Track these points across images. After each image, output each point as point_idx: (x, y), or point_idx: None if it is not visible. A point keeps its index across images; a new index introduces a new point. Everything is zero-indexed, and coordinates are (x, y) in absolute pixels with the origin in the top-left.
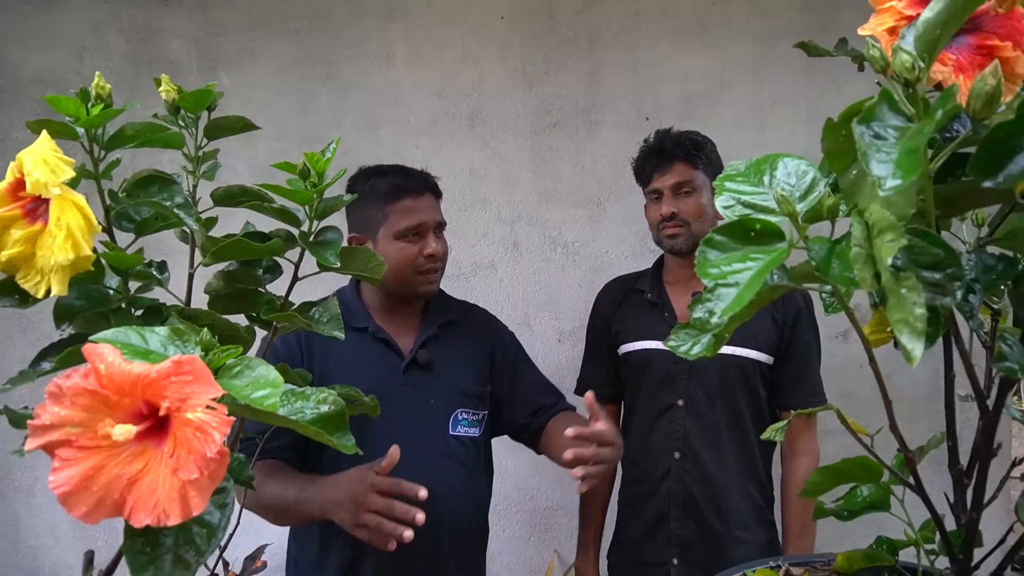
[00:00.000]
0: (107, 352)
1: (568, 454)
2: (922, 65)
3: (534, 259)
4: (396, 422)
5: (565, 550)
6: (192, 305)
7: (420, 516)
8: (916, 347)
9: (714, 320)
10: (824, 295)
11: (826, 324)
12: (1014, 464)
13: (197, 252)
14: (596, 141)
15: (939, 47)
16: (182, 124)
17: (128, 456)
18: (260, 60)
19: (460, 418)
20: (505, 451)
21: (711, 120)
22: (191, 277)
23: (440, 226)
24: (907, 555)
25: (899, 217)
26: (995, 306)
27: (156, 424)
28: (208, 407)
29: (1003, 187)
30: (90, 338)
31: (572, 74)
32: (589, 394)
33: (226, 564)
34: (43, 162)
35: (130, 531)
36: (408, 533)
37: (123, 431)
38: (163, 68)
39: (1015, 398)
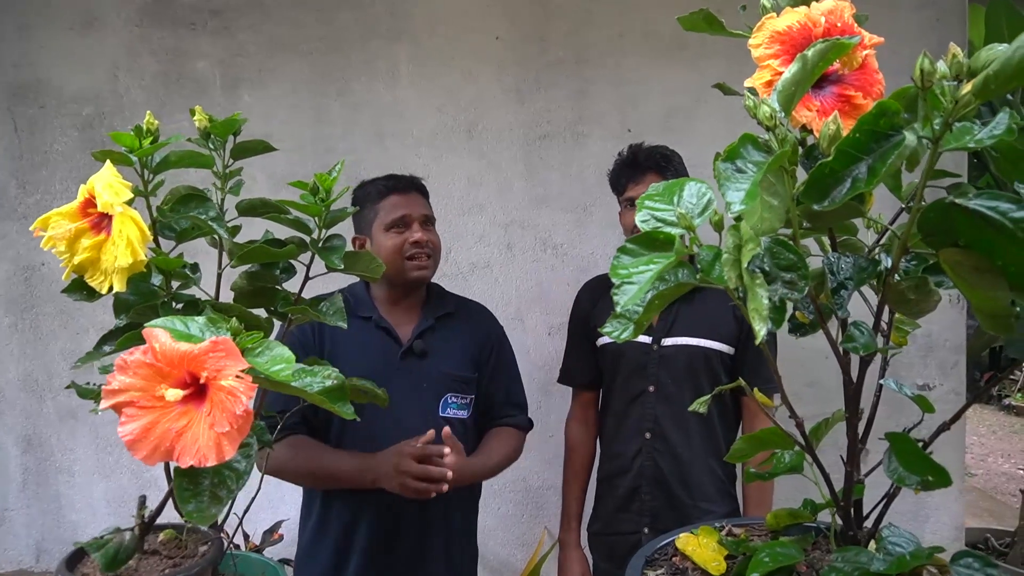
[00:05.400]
0: (160, 334)
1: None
2: (782, 115)
3: (526, 259)
4: (392, 403)
5: (554, 526)
6: (220, 300)
7: (449, 474)
8: (762, 328)
9: (618, 310)
10: None
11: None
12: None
13: (224, 256)
14: (583, 151)
15: (795, 101)
16: (212, 147)
17: (176, 414)
18: (278, 79)
19: (450, 401)
20: None
21: (688, 132)
22: (219, 276)
23: (426, 219)
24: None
25: (769, 231)
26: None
27: (196, 391)
28: (237, 376)
29: (828, 209)
30: (145, 325)
31: (561, 90)
32: (446, 429)
33: (246, 536)
34: (109, 186)
35: (178, 472)
36: (443, 487)
37: (174, 394)
38: (190, 87)
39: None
